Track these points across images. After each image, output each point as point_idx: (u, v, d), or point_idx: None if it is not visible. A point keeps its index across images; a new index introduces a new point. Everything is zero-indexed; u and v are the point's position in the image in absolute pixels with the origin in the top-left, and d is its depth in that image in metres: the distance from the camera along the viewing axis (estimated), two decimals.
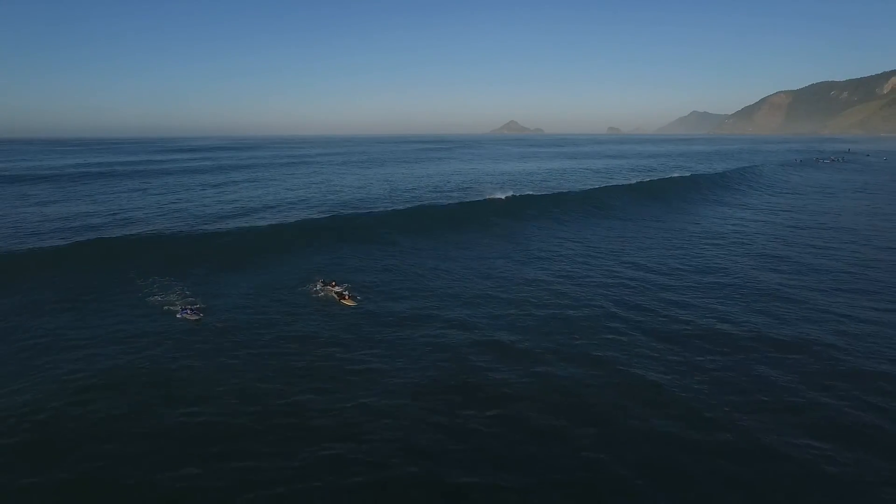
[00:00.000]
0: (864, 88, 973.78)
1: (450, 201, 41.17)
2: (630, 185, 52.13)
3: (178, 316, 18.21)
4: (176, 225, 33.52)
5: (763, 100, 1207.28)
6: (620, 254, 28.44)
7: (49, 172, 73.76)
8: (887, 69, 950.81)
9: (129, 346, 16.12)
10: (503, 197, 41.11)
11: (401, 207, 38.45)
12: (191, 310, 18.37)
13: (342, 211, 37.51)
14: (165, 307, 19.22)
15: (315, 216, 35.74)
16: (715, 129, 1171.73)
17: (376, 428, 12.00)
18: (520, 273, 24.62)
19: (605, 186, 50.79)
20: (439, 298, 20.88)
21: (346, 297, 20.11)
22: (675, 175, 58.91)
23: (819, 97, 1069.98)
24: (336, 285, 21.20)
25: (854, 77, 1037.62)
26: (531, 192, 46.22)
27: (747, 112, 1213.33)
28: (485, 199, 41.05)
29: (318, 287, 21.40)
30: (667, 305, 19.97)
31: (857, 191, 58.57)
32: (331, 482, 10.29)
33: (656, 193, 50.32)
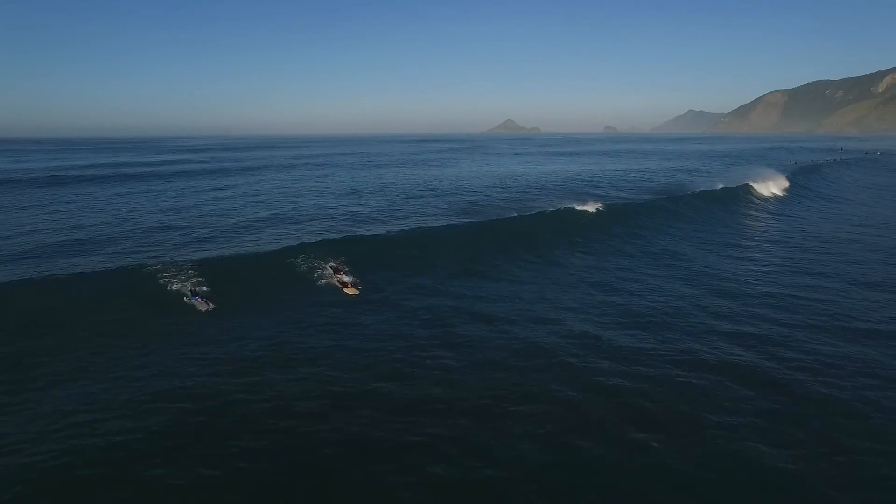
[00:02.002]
0: (859, 87, 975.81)
1: (525, 213, 35.53)
2: (709, 192, 46.76)
3: (203, 309, 18.57)
4: (181, 228, 32.55)
5: (759, 99, 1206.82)
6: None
7: (48, 174, 67.58)
8: (882, 68, 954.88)
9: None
10: (593, 210, 35.14)
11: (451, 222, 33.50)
12: (201, 299, 18.94)
13: (366, 226, 32.04)
14: (185, 300, 19.34)
15: (334, 229, 30.60)
16: (711, 128, 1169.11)
17: None
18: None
19: (682, 195, 45.35)
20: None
21: (349, 286, 20.38)
22: (749, 182, 52.61)
23: (814, 96, 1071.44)
24: (344, 274, 21.26)
25: (849, 76, 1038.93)
26: (603, 201, 40.61)
27: (743, 111, 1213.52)
28: (562, 209, 35.32)
29: (328, 270, 21.62)
30: None
31: None
32: None
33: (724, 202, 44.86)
